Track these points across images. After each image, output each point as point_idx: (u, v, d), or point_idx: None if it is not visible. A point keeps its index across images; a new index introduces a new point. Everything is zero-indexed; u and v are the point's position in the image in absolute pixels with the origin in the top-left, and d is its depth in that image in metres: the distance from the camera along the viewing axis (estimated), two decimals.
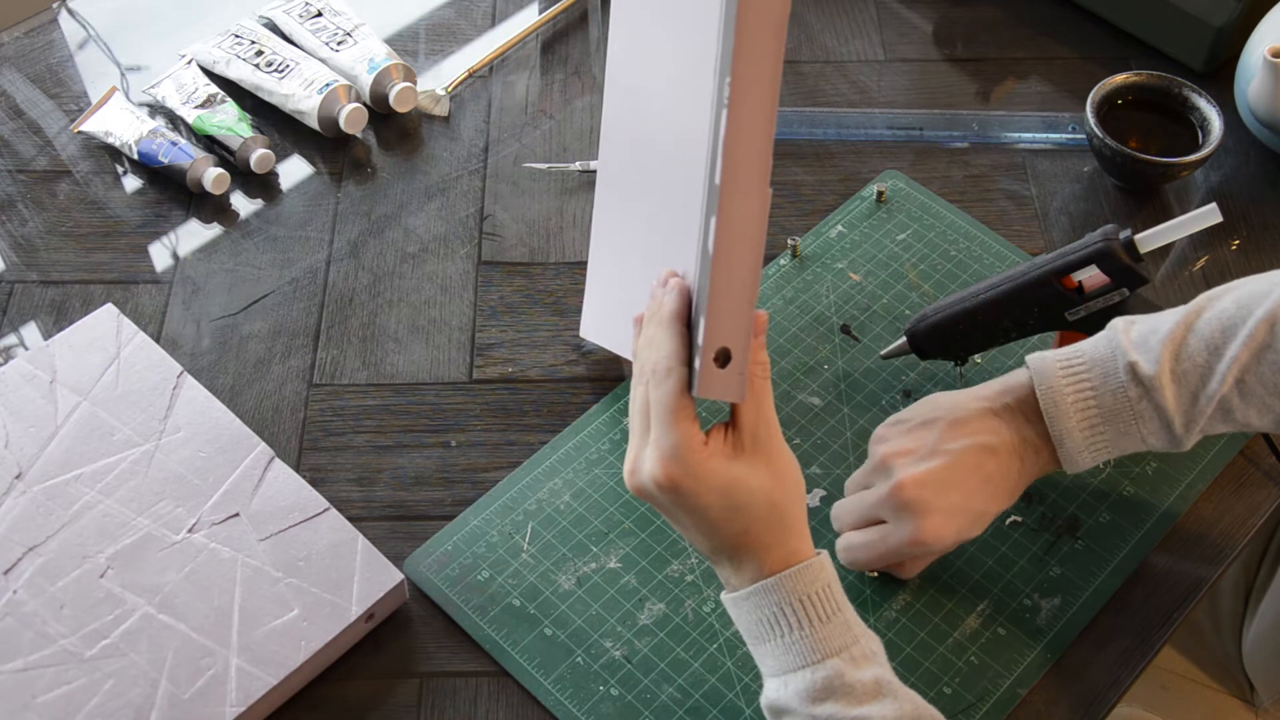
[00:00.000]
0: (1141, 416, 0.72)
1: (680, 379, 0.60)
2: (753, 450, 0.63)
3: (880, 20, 1.16)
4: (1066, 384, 0.72)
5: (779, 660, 0.64)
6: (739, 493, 0.62)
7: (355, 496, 0.85)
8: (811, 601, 0.63)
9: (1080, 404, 0.72)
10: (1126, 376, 0.72)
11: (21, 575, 0.77)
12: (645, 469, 0.61)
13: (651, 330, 0.62)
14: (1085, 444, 0.73)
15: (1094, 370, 0.72)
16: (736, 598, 0.65)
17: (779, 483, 0.63)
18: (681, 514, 0.63)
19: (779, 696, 0.64)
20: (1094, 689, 0.76)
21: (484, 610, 0.79)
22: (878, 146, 1.05)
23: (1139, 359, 0.72)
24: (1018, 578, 0.80)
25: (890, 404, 0.88)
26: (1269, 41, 0.98)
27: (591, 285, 0.88)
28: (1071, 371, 0.73)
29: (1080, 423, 0.72)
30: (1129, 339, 0.73)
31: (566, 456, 0.86)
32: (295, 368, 0.91)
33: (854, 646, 0.63)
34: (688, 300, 0.62)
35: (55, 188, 1.03)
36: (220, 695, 0.73)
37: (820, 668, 0.62)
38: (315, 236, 1.00)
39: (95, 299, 0.95)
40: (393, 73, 1.05)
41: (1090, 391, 0.72)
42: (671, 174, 0.70)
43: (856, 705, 0.61)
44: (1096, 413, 0.72)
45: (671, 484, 0.61)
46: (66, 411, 0.84)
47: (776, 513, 0.63)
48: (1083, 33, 1.14)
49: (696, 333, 0.60)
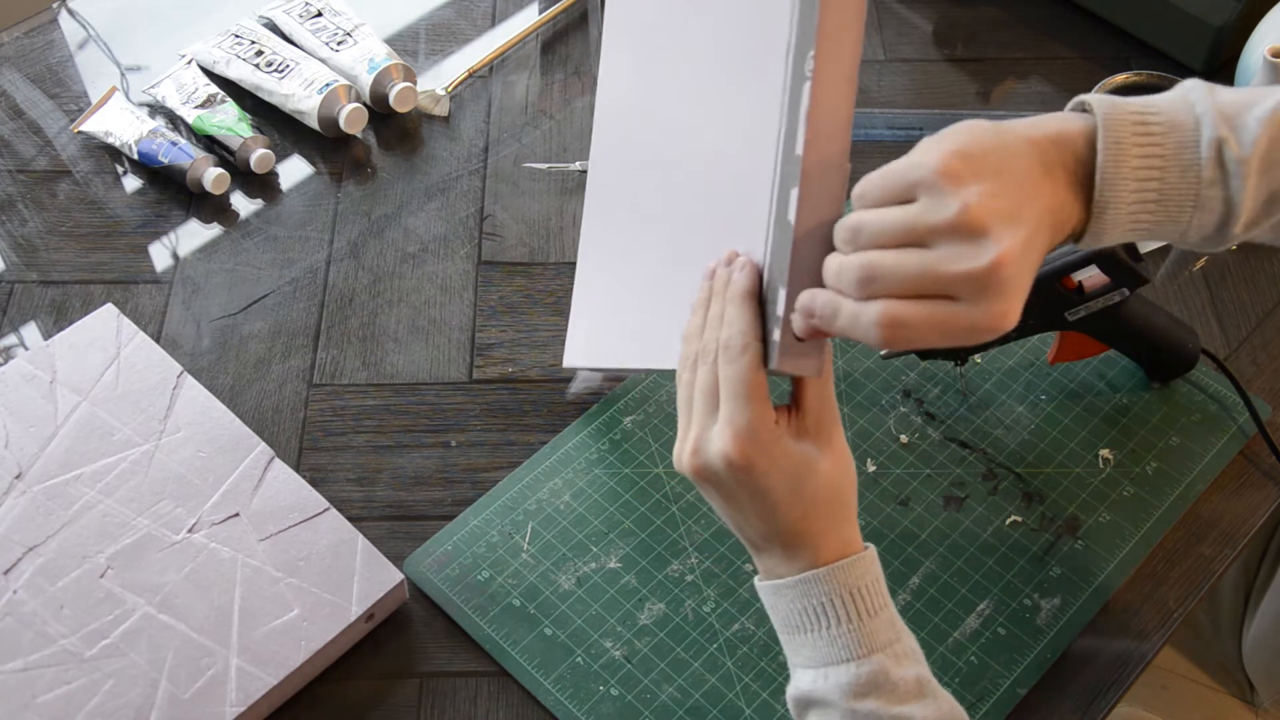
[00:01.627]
0: (1204, 205, 0.58)
1: (757, 354, 0.59)
2: (816, 433, 0.62)
3: (880, 20, 1.16)
4: (1136, 142, 0.58)
5: (820, 652, 0.62)
6: (805, 476, 0.61)
7: (355, 496, 0.85)
8: (861, 595, 0.61)
9: (1143, 171, 0.58)
10: (1210, 153, 0.57)
11: (21, 575, 0.77)
12: (714, 447, 0.59)
13: (719, 307, 0.61)
14: (1126, 220, 0.59)
15: (1170, 137, 0.58)
16: (780, 585, 0.63)
17: (841, 469, 0.62)
18: (744, 496, 0.61)
19: (815, 688, 0.62)
20: (1094, 689, 0.76)
21: (484, 610, 0.79)
22: (878, 146, 1.05)
23: (1230, 135, 0.57)
24: (1018, 578, 0.80)
25: (890, 404, 0.88)
26: (1269, 41, 0.98)
27: (579, 309, 0.83)
28: (1145, 129, 0.58)
29: (1134, 195, 0.58)
30: (1220, 107, 0.58)
31: (566, 456, 0.86)
32: (295, 368, 0.91)
33: (897, 644, 0.62)
34: (759, 277, 0.61)
35: (55, 188, 1.03)
36: (220, 695, 0.73)
37: (866, 662, 0.61)
38: (315, 236, 1.00)
39: (95, 299, 0.95)
40: (393, 73, 1.05)
41: (1159, 160, 0.58)
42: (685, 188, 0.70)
43: (898, 703, 0.60)
44: (1157, 188, 0.58)
45: (746, 461, 0.59)
46: (66, 411, 0.84)
47: (837, 499, 0.62)
48: (1083, 33, 1.14)
49: (774, 306, 0.60)
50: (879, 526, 0.82)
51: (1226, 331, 0.93)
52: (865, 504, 0.83)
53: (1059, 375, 0.90)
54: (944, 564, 0.81)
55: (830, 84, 0.59)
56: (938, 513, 0.83)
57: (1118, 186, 0.58)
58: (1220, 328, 0.93)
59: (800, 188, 0.59)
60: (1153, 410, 0.88)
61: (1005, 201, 0.56)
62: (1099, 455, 0.86)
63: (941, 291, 0.56)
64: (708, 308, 0.63)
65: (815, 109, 0.58)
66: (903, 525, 0.82)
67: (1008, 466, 0.85)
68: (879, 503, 0.83)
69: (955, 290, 0.55)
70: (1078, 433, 0.87)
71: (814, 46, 0.58)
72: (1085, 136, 0.58)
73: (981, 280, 0.55)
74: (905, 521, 0.83)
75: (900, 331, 0.56)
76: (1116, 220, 0.59)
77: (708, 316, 0.62)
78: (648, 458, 0.85)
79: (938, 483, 0.84)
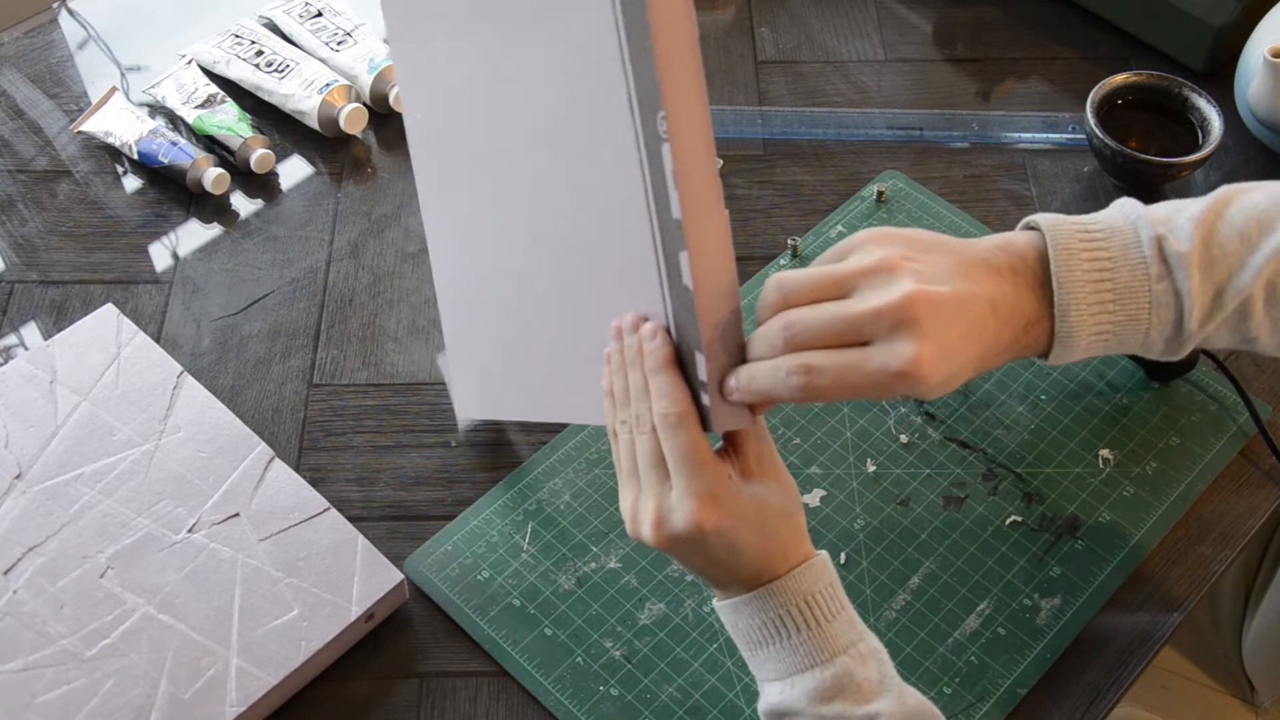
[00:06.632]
0: (1157, 301, 0.62)
1: (695, 421, 0.60)
2: (760, 470, 0.63)
3: (880, 20, 1.16)
4: (1083, 248, 0.62)
5: (783, 663, 0.63)
6: (765, 515, 0.62)
7: (355, 496, 0.85)
8: (816, 602, 0.62)
9: (1095, 273, 0.62)
10: (1151, 251, 0.62)
11: (21, 575, 0.77)
12: (680, 517, 0.60)
13: (639, 378, 0.61)
14: (1090, 321, 0.62)
15: (1113, 240, 0.63)
16: (737, 603, 0.64)
17: (785, 492, 0.63)
18: (716, 553, 0.61)
19: (783, 699, 0.63)
20: (1094, 689, 0.76)
21: (484, 610, 0.79)
22: (878, 146, 1.05)
23: (1167, 234, 0.62)
24: (1018, 578, 0.80)
25: (890, 404, 0.88)
26: (1269, 41, 0.98)
27: (457, 364, 0.78)
28: (1089, 237, 0.63)
29: (1092, 294, 0.62)
30: (1151, 214, 0.63)
31: (566, 456, 0.86)
32: (295, 368, 0.91)
33: (859, 643, 0.63)
34: (672, 342, 0.61)
35: (55, 188, 1.03)
36: (220, 695, 0.73)
37: (829, 666, 0.62)
38: (315, 236, 1.00)
39: (95, 299, 0.95)
40: (393, 73, 1.05)
41: (1107, 261, 0.62)
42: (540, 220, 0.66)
43: (863, 703, 0.61)
44: (1111, 288, 0.62)
45: (715, 525, 0.59)
46: (66, 411, 0.84)
47: (791, 524, 0.63)
48: (1083, 33, 1.14)
49: (695, 369, 0.59)
50: (879, 526, 0.82)
51: None
52: (865, 504, 0.83)
53: (1059, 375, 0.90)
54: (944, 564, 0.81)
55: (689, 138, 0.56)
56: (938, 513, 0.83)
57: (1074, 289, 0.61)
58: None
59: (689, 251, 0.57)
60: (1153, 410, 0.88)
61: (930, 266, 0.59)
62: (1099, 455, 0.86)
63: (857, 336, 0.58)
64: (625, 370, 0.62)
65: (681, 171, 0.56)
66: (903, 525, 0.82)
67: (1008, 466, 0.85)
68: (879, 503, 0.83)
69: (868, 330, 0.58)
70: (1078, 433, 0.87)
71: (662, 107, 0.55)
72: (1033, 247, 0.62)
73: (890, 315, 0.57)
74: (905, 521, 0.83)
75: (815, 378, 0.58)
76: (1081, 322, 0.62)
77: (630, 385, 0.62)
78: None
79: (938, 483, 0.84)
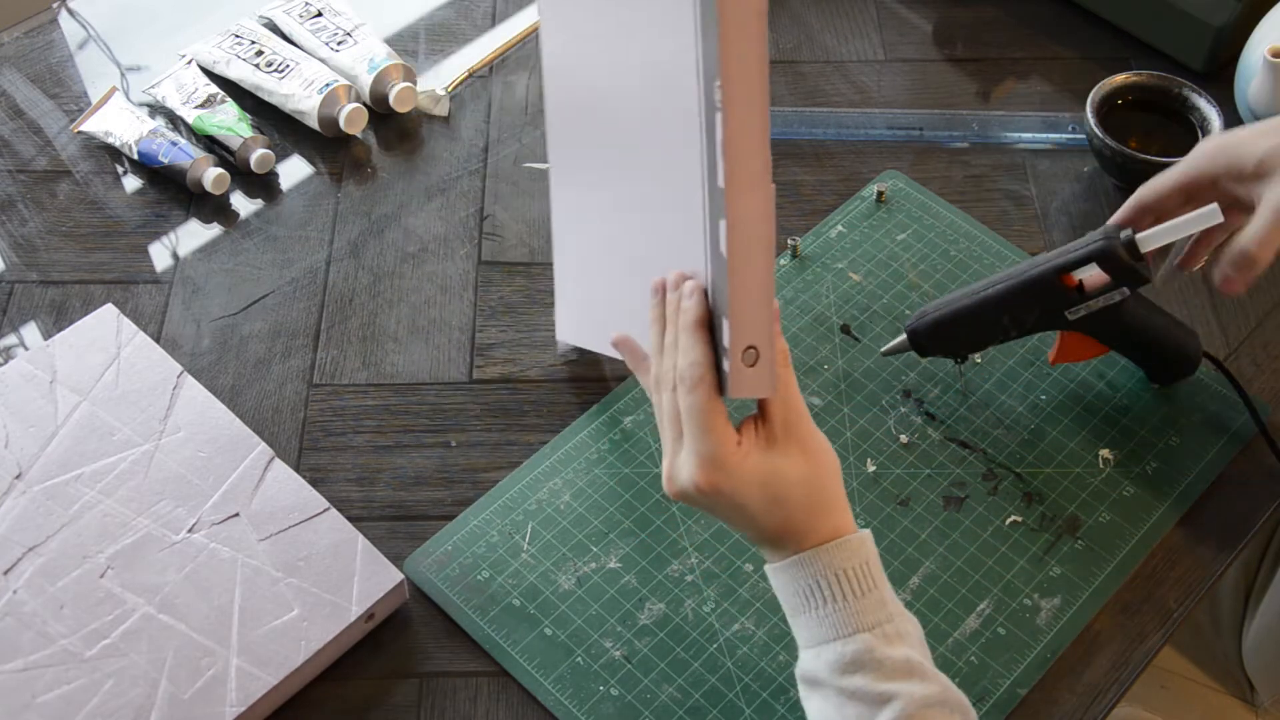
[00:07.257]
0: None
1: (711, 384, 0.61)
2: (785, 439, 0.63)
3: (880, 20, 1.16)
4: None
5: (813, 632, 0.64)
6: (778, 485, 0.63)
7: (355, 496, 0.85)
8: (847, 576, 0.63)
9: None
10: None
11: (21, 575, 0.77)
12: (684, 475, 0.62)
13: (673, 336, 0.63)
14: None
15: None
16: (775, 568, 0.66)
17: (815, 467, 0.64)
18: (723, 512, 0.64)
19: (811, 667, 0.65)
20: (1094, 689, 0.76)
21: (484, 610, 0.79)
22: (878, 146, 1.05)
23: None
24: (1018, 578, 0.80)
25: (890, 404, 0.88)
26: (1269, 41, 0.98)
27: (561, 289, 0.86)
28: None
29: None
30: None
31: (566, 456, 0.86)
32: (295, 368, 0.91)
33: (887, 624, 0.63)
34: (706, 304, 0.62)
35: (55, 188, 1.03)
36: (220, 695, 0.73)
37: (851, 641, 0.63)
38: (315, 236, 1.00)
39: (95, 299, 0.95)
40: (393, 73, 1.05)
41: None
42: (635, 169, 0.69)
43: (885, 680, 0.62)
44: None
45: (713, 488, 0.62)
46: (66, 411, 0.84)
47: (815, 497, 0.64)
48: (1083, 33, 1.14)
49: (720, 335, 0.60)
50: (879, 526, 0.82)
51: (1226, 332, 0.93)
52: (865, 504, 0.83)
53: (1059, 375, 0.90)
54: (944, 564, 0.81)
55: (741, 110, 0.57)
56: (938, 513, 0.83)
57: None
58: (1220, 328, 0.93)
59: (727, 221, 0.58)
60: (1153, 410, 0.88)
61: None
62: (1099, 455, 0.86)
63: None
64: (663, 325, 0.65)
65: (730, 141, 0.57)
66: (903, 525, 0.82)
67: (1008, 466, 0.85)
68: (879, 503, 0.83)
69: None
70: (1078, 433, 0.87)
71: (719, 75, 0.57)
72: None
73: None
74: (905, 521, 0.83)
75: None
76: None
77: (664, 342, 0.64)
78: (648, 458, 0.85)
79: (938, 483, 0.84)
